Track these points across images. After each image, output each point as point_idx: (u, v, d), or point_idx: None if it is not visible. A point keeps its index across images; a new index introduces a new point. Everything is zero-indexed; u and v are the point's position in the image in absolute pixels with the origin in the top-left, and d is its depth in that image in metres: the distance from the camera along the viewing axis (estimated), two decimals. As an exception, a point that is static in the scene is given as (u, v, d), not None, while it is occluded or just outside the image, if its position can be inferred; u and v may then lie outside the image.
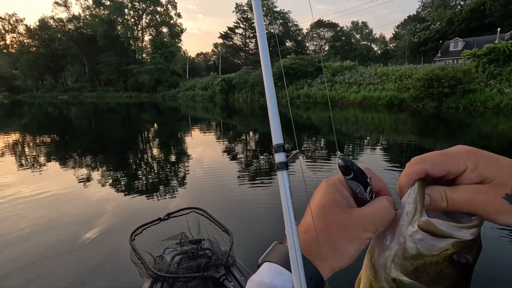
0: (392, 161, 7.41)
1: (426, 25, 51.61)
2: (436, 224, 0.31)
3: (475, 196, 0.31)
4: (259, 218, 3.89)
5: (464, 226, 0.31)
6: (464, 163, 0.31)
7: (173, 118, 20.99)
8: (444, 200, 0.32)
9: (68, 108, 31.30)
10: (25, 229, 3.71)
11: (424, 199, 0.32)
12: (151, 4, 60.77)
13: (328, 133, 12.03)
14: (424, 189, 0.32)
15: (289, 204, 0.36)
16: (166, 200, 4.71)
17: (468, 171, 0.31)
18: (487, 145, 9.46)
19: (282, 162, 0.38)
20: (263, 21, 0.45)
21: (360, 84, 26.19)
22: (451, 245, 0.31)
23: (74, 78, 70.85)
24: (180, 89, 48.24)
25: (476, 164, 0.31)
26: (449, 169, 0.32)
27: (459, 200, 0.31)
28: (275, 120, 0.39)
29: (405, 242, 0.33)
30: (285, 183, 0.37)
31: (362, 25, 74.10)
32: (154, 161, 7.90)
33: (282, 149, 0.39)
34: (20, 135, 12.73)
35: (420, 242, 0.32)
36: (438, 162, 0.32)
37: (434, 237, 0.31)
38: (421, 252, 0.32)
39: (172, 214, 1.79)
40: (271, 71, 0.42)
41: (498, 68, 19.62)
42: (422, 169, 0.32)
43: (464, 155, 0.32)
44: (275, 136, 0.39)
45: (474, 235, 0.31)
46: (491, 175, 0.30)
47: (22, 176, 6.13)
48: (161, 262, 1.55)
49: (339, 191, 0.37)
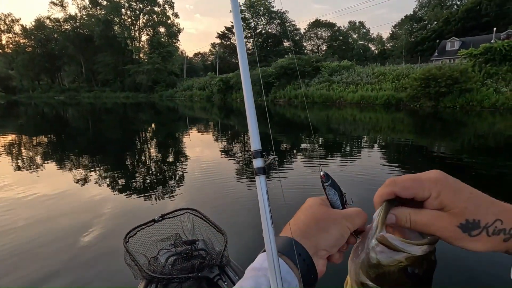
0: (390, 160, 7.42)
1: (423, 24, 51.85)
2: (389, 239, 0.36)
3: (434, 222, 0.35)
4: (253, 217, 3.87)
5: (414, 243, 0.36)
6: (429, 191, 0.35)
7: (171, 118, 20.93)
8: (408, 221, 0.37)
9: (64, 109, 31.14)
10: (17, 229, 3.67)
11: (386, 218, 0.37)
12: (148, 4, 60.57)
13: (326, 132, 12.05)
14: (388, 209, 0.37)
15: (266, 207, 0.38)
16: (160, 201, 4.68)
17: (431, 198, 0.35)
18: (484, 143, 9.51)
19: (260, 167, 0.40)
20: (242, 31, 0.46)
21: (357, 84, 26.26)
22: (405, 259, 0.35)
23: (70, 79, 70.52)
24: (177, 89, 48.13)
25: (439, 193, 0.35)
26: (415, 195, 0.36)
27: (420, 223, 0.36)
28: (253, 127, 0.41)
29: (369, 253, 0.38)
30: (263, 188, 0.39)
31: (359, 25, 74.40)
32: (149, 162, 7.87)
33: (260, 155, 0.40)
34: (16, 135, 12.64)
35: (380, 254, 0.37)
36: (406, 187, 0.36)
37: (391, 250, 0.36)
38: (381, 262, 0.37)
39: (166, 215, 1.78)
40: (250, 82, 0.44)
41: (494, 68, 19.74)
42: (392, 191, 0.37)
43: (431, 183, 0.35)
44: (253, 142, 0.40)
45: (424, 252, 0.35)
46: (450, 205, 0.35)
47: (15, 177, 6.07)
48: (155, 264, 1.53)
49: (322, 200, 0.46)
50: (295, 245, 0.39)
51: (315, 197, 0.47)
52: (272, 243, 0.36)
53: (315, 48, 68.02)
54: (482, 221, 0.34)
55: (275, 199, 3.86)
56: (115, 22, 59.73)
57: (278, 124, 14.83)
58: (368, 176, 5.77)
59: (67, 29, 61.93)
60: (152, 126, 17.09)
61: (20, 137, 12.16)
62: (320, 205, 0.44)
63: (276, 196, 5.22)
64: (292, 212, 0.45)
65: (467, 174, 6.14)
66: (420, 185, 0.36)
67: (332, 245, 0.41)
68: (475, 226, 0.34)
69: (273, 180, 5.03)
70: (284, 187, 5.28)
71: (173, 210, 1.83)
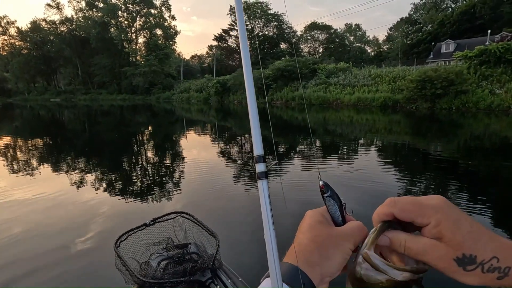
0: (387, 161, 7.43)
1: (418, 27, 52.27)
2: (372, 258, 0.37)
3: (429, 251, 0.35)
4: (245, 220, 3.83)
5: (396, 268, 0.36)
6: (429, 218, 0.35)
7: (167, 121, 20.86)
8: (402, 246, 0.36)
9: (60, 111, 30.93)
10: (5, 232, 3.60)
11: (378, 238, 0.37)
12: (145, 6, 60.51)
13: (323, 134, 12.04)
14: (383, 230, 0.38)
15: (268, 211, 0.38)
16: (152, 205, 4.62)
17: (430, 226, 0.35)
18: (480, 144, 9.56)
19: (262, 171, 0.40)
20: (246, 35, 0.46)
21: (354, 86, 26.36)
22: (385, 280, 0.36)
23: (67, 81, 70.13)
24: (174, 91, 48.01)
25: (438, 222, 0.34)
26: (413, 219, 0.36)
27: (415, 251, 0.36)
28: (256, 132, 0.41)
29: (355, 266, 0.38)
30: (265, 192, 0.39)
31: (355, 27, 74.81)
32: (143, 165, 7.80)
33: (263, 159, 0.41)
34: (11, 138, 12.51)
35: (364, 270, 0.37)
36: (405, 210, 0.36)
37: (374, 269, 0.37)
38: (363, 278, 0.37)
39: (157, 219, 1.76)
40: (254, 88, 0.45)
41: (489, 70, 19.90)
42: (390, 212, 0.37)
43: (432, 211, 0.35)
44: (256, 147, 0.41)
45: (405, 279, 0.35)
46: (448, 236, 0.34)
47: (8, 179, 5.99)
48: (146, 268, 1.50)
49: (322, 215, 0.44)
50: (300, 274, 0.38)
51: (314, 211, 0.45)
52: (274, 246, 0.37)
53: (311, 50, 68.28)
54: (478, 257, 0.33)
55: (273, 201, 3.77)
56: (111, 25, 59.57)
57: (276, 126, 14.82)
58: (366, 178, 5.75)
59: (63, 31, 61.67)
60: (148, 128, 17.01)
61: (15, 140, 12.04)
62: (320, 223, 0.43)
63: (275, 196, 5.17)
64: (291, 216, 0.46)
65: (463, 175, 6.15)
66: (420, 211, 0.35)
67: (336, 271, 0.41)
68: (471, 261, 0.33)
69: (272, 182, 4.99)
70: (283, 189, 5.25)
71: (165, 214, 1.81)
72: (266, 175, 0.41)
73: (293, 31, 63.47)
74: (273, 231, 0.37)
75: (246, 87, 0.43)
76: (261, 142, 0.41)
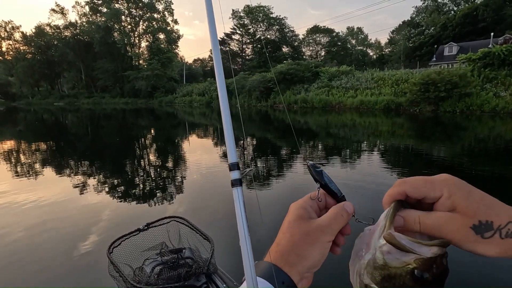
0: (390, 164, 7.32)
1: (420, 30, 52.26)
2: (397, 237, 0.34)
3: (445, 223, 0.34)
4: None
5: (424, 243, 0.34)
6: (440, 191, 0.35)
7: (169, 124, 20.86)
8: (417, 223, 0.35)
9: (64, 115, 31.09)
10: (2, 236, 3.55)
11: (395, 216, 0.36)
12: (148, 11, 61.07)
13: (326, 137, 11.96)
14: (397, 209, 0.36)
15: (243, 218, 0.39)
16: (147, 209, 4.54)
17: (443, 198, 0.35)
18: (485, 148, 9.43)
19: (236, 179, 0.41)
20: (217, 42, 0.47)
21: (357, 89, 26.27)
22: (413, 261, 0.33)
23: (70, 85, 70.72)
24: (177, 95, 48.18)
25: (450, 193, 0.34)
26: (426, 194, 0.35)
27: (431, 225, 0.35)
28: (230, 140, 0.41)
29: (375, 253, 0.36)
30: (240, 199, 0.39)
31: (357, 30, 74.96)
32: (141, 169, 7.74)
33: (237, 167, 0.41)
34: (15, 142, 12.55)
35: (387, 254, 0.35)
36: (417, 186, 0.36)
37: (399, 251, 0.34)
38: (387, 263, 0.34)
39: (151, 224, 1.71)
40: (226, 93, 0.45)
41: (493, 72, 19.77)
42: (403, 190, 0.36)
43: (442, 183, 0.35)
44: (230, 155, 0.41)
45: (434, 254, 0.33)
46: (462, 205, 0.34)
47: (6, 183, 5.96)
48: (140, 274, 1.45)
49: (302, 207, 0.44)
50: (278, 273, 0.40)
51: (296, 203, 0.45)
52: (249, 252, 0.37)
53: (313, 54, 68.42)
54: (495, 223, 0.33)
55: (273, 202, 3.61)
56: (115, 29, 60.11)
57: (277, 129, 14.76)
58: (370, 180, 5.66)
59: (67, 36, 62.31)
60: (150, 131, 17.01)
61: (19, 144, 12.06)
62: (299, 219, 0.43)
63: (276, 197, 5.14)
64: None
65: (467, 178, 6.04)
66: (431, 185, 0.35)
67: (315, 266, 0.42)
68: (488, 227, 0.33)
69: (274, 183, 4.92)
70: (282, 191, 5.17)
71: (159, 218, 1.77)
72: (241, 182, 0.41)
73: (295, 34, 63.72)
74: (248, 238, 0.38)
75: (219, 94, 0.44)
76: (235, 149, 0.41)
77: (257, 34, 60.57)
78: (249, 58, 61.32)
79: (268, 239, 2.27)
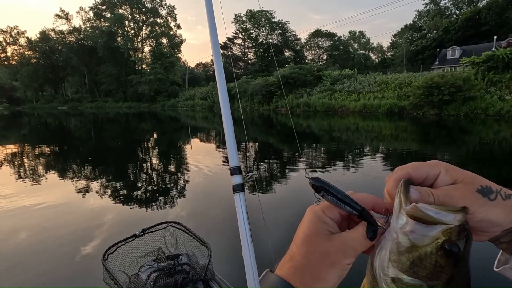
0: (393, 169, 7.23)
1: (422, 33, 52.21)
2: (423, 209, 0.32)
3: (453, 192, 0.35)
4: (237, 229, 3.69)
5: (450, 210, 0.32)
6: (438, 168, 0.37)
7: (172, 128, 20.89)
8: (430, 195, 0.35)
9: (67, 119, 31.28)
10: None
11: (409, 190, 0.34)
12: (151, 16, 61.63)
13: (329, 141, 11.90)
14: (408, 184, 0.35)
15: (246, 224, 0.37)
16: (143, 214, 4.49)
17: (442, 175, 0.36)
18: (489, 151, 9.32)
19: (238, 184, 0.39)
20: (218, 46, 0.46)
21: (359, 93, 26.23)
22: (441, 233, 0.31)
23: (74, 89, 71.25)
24: (179, 99, 48.42)
25: (447, 168, 0.37)
26: (427, 173, 0.37)
27: (442, 195, 0.35)
28: (231, 144, 0.39)
29: (397, 237, 0.33)
30: (242, 206, 0.37)
31: (359, 34, 75.11)
32: (141, 173, 7.71)
33: (238, 171, 0.39)
34: (19, 145, 12.60)
35: (412, 234, 0.32)
36: (417, 167, 0.37)
37: (423, 226, 0.32)
38: (414, 244, 0.32)
39: (147, 230, 1.68)
40: (228, 98, 0.44)
41: (497, 75, 19.67)
42: (406, 172, 0.37)
43: (436, 163, 0.37)
44: (232, 159, 0.39)
45: (460, 221, 0.31)
46: (460, 176, 0.36)
47: (6, 186, 5.96)
48: (136, 281, 1.42)
49: (321, 220, 0.38)
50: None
51: (315, 210, 0.40)
52: (253, 262, 0.35)
53: (316, 58, 68.53)
54: (492, 186, 0.35)
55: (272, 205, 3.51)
56: (118, 34, 60.68)
57: (280, 132, 14.72)
58: (372, 186, 5.59)
59: (71, 40, 62.92)
60: (153, 135, 17.04)
61: (22, 147, 12.11)
62: (317, 235, 0.38)
63: (276, 200, 5.08)
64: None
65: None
66: (429, 165, 0.37)
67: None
68: (490, 190, 0.35)
69: (277, 186, 4.86)
70: (282, 194, 5.11)
71: (155, 224, 1.73)
72: (243, 187, 0.39)
73: (297, 38, 63.94)
74: (251, 246, 0.36)
75: (219, 95, 0.43)
76: (236, 153, 0.39)
77: (259, 39, 60.83)
78: (251, 62, 61.54)
79: (273, 246, 2.23)
